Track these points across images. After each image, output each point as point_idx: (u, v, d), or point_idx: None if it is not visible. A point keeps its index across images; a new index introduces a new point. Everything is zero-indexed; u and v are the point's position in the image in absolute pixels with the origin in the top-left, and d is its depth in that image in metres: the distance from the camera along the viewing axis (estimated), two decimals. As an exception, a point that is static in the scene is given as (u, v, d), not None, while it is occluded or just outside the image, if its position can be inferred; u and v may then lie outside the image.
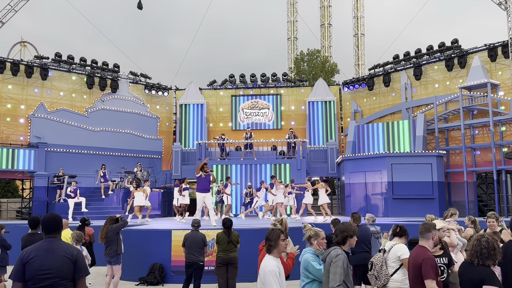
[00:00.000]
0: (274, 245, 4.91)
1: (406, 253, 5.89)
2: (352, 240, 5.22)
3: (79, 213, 18.97)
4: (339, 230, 5.26)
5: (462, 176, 22.11)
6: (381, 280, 5.93)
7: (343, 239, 5.20)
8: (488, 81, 21.09)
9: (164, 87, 28.65)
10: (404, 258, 5.84)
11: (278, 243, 4.91)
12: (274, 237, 4.92)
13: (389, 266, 5.98)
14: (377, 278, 5.99)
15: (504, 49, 21.32)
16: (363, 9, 45.88)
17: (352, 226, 5.32)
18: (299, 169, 22.53)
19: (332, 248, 5.15)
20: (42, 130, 22.92)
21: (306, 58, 40.35)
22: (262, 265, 4.88)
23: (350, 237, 5.21)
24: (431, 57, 24.55)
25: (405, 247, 6.06)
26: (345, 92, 28.62)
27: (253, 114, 28.27)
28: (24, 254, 4.06)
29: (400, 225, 6.42)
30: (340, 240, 5.21)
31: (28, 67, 23.27)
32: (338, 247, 5.14)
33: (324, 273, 5.11)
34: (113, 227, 9.96)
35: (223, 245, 9.06)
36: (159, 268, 12.01)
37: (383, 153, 21.64)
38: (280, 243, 4.94)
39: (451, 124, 22.96)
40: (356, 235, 5.24)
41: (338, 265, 4.87)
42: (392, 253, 6.02)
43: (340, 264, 4.88)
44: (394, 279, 5.91)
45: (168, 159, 27.59)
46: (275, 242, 4.91)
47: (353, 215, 9.37)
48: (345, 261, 4.94)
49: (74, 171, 22.39)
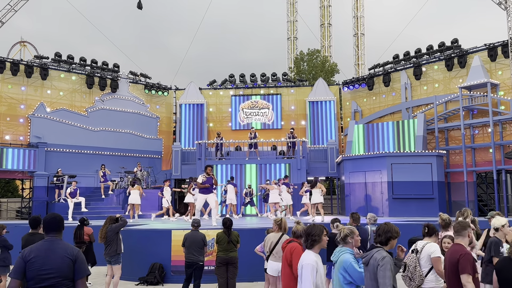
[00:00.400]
0: (318, 239, 4.87)
1: (437, 251, 5.81)
2: (394, 242, 5.06)
3: (78, 213, 18.97)
4: (383, 230, 5.10)
5: (462, 176, 22.11)
6: (415, 281, 5.82)
7: (387, 239, 5.04)
8: (488, 81, 21.09)
9: (164, 87, 28.66)
10: (434, 256, 5.76)
11: (322, 238, 4.86)
12: (318, 232, 4.87)
13: (422, 266, 5.87)
14: (411, 279, 5.86)
15: (504, 49, 21.32)
16: (363, 9, 45.89)
17: (395, 227, 5.17)
18: (299, 169, 22.54)
19: (375, 250, 4.95)
20: (42, 130, 22.92)
21: (306, 58, 40.35)
22: (301, 259, 4.83)
23: (393, 238, 5.05)
24: (431, 57, 24.55)
25: (436, 246, 5.95)
26: (345, 92, 28.62)
27: (253, 114, 28.26)
28: (25, 253, 4.07)
29: (428, 224, 6.29)
30: (383, 240, 5.03)
31: (28, 67, 23.27)
32: (381, 249, 4.95)
33: (367, 277, 4.92)
34: (112, 227, 9.96)
35: (223, 245, 9.06)
36: (159, 268, 12.00)
37: (383, 153, 21.63)
38: (323, 239, 4.89)
39: (451, 124, 22.96)
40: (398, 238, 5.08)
41: (386, 268, 4.70)
42: (424, 253, 5.91)
43: (388, 267, 4.74)
44: (428, 279, 5.81)
45: (168, 159, 27.59)
46: (319, 237, 4.87)
47: (353, 215, 9.36)
48: (392, 263, 4.80)
49: (74, 171, 22.40)
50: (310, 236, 4.92)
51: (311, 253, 4.87)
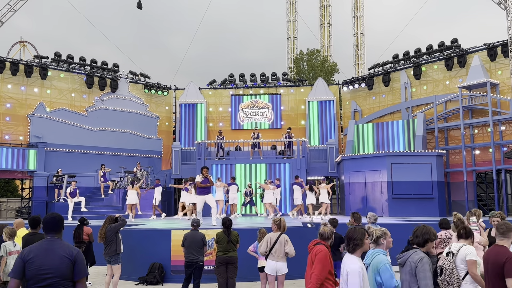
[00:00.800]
0: (360, 244, 4.78)
1: (473, 254, 5.73)
2: (431, 245, 5.01)
3: (78, 213, 18.97)
4: (421, 231, 5.04)
5: (461, 175, 22.11)
6: (453, 285, 5.73)
7: (424, 241, 4.99)
8: (488, 80, 21.10)
9: (163, 87, 28.66)
10: (469, 259, 5.68)
11: (364, 242, 4.79)
12: (360, 236, 4.79)
13: (460, 269, 5.78)
14: (449, 283, 5.77)
15: (503, 48, 21.33)
16: (362, 8, 45.88)
17: (433, 230, 5.09)
18: (299, 169, 22.53)
19: (412, 251, 4.90)
20: (41, 130, 22.92)
21: (305, 57, 40.36)
22: (346, 265, 4.73)
23: (431, 240, 5.00)
24: (430, 57, 24.55)
25: (472, 248, 5.87)
26: (344, 92, 28.63)
27: (253, 113, 28.27)
28: (24, 253, 4.08)
29: (465, 227, 6.21)
30: (421, 241, 4.98)
31: (27, 66, 23.27)
32: (418, 250, 4.90)
33: (403, 278, 4.85)
34: (112, 227, 9.95)
35: (222, 245, 9.06)
36: (159, 268, 12.00)
37: (383, 153, 21.64)
38: (365, 242, 4.83)
39: (450, 124, 22.97)
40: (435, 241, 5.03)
41: (426, 269, 4.65)
42: (460, 256, 5.81)
43: (427, 268, 4.68)
44: (467, 282, 5.71)
45: (167, 158, 27.59)
46: (361, 241, 4.78)
47: (354, 215, 9.37)
48: (430, 263, 4.74)
49: (73, 171, 22.39)
50: (352, 241, 4.82)
51: (355, 257, 4.77)
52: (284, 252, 8.30)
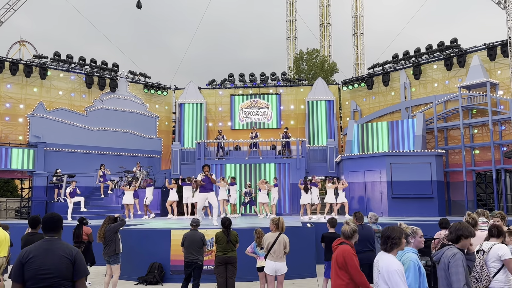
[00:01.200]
0: (398, 243, 4.71)
1: (508, 253, 5.72)
2: (466, 242, 4.96)
3: (78, 213, 18.98)
4: (454, 228, 5.03)
5: (461, 175, 22.12)
6: (482, 282, 5.72)
7: (457, 237, 4.96)
8: (487, 80, 21.10)
9: (163, 87, 28.65)
10: (506, 259, 5.66)
11: (402, 241, 4.73)
12: (398, 235, 4.73)
13: (490, 267, 5.77)
14: (478, 279, 5.75)
15: (503, 48, 21.32)
16: (362, 8, 45.87)
17: (469, 227, 5.06)
18: (298, 169, 22.52)
19: (446, 247, 4.90)
20: (41, 130, 22.91)
21: (305, 57, 40.35)
22: (385, 265, 4.63)
23: (464, 237, 4.95)
24: (430, 56, 24.55)
25: (506, 247, 5.85)
26: (344, 92, 28.62)
27: (253, 113, 28.26)
28: (23, 254, 4.05)
29: (496, 225, 6.19)
30: (453, 238, 4.97)
31: (27, 66, 23.25)
32: (452, 246, 4.88)
33: (439, 275, 4.82)
34: (111, 227, 9.95)
35: (222, 245, 9.06)
36: (158, 268, 12.00)
37: (382, 152, 21.64)
38: (403, 241, 4.76)
39: (450, 124, 22.97)
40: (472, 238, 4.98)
41: (458, 265, 4.62)
42: (492, 254, 5.80)
43: (460, 263, 4.65)
44: (497, 280, 5.72)
45: (167, 158, 27.58)
46: (399, 240, 4.72)
47: (356, 215, 9.39)
48: (463, 259, 4.71)
49: (73, 171, 22.39)
50: (390, 240, 4.74)
51: (392, 257, 4.70)
52: (283, 252, 8.31)
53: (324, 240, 9.63)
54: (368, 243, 8.64)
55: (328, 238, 9.60)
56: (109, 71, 26.23)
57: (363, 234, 8.56)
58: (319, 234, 10.72)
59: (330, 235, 9.63)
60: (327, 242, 9.58)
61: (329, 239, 9.60)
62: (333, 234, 9.62)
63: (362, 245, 8.55)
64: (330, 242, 9.53)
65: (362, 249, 8.53)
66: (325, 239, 9.63)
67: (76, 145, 23.82)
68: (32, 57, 24.85)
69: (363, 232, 8.62)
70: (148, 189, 19.41)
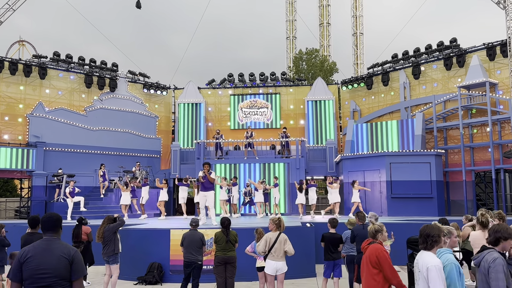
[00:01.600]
0: (438, 240, 4.66)
1: None
2: (506, 244, 4.79)
3: (77, 212, 18.97)
4: (492, 230, 4.86)
5: (460, 175, 22.13)
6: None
7: (496, 240, 4.80)
8: (487, 80, 21.11)
9: (162, 86, 28.64)
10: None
11: (441, 238, 4.69)
12: (437, 233, 4.68)
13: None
14: None
15: (502, 48, 21.32)
16: (362, 8, 45.89)
17: (508, 228, 4.88)
18: (298, 168, 22.53)
19: (486, 251, 4.76)
20: (40, 129, 22.90)
21: (304, 57, 40.35)
22: (424, 262, 4.57)
23: (504, 239, 4.78)
24: (429, 56, 24.55)
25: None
26: (343, 91, 28.62)
27: (252, 113, 28.26)
28: (21, 253, 4.05)
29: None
30: (492, 240, 4.79)
31: (26, 66, 23.25)
32: (493, 250, 4.72)
33: (479, 279, 4.71)
34: (110, 227, 9.95)
35: (221, 245, 9.06)
36: (158, 267, 12.00)
37: (382, 152, 21.64)
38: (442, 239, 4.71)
39: (449, 123, 22.97)
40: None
41: (498, 270, 4.45)
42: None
43: (500, 269, 4.48)
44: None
45: (167, 158, 27.58)
46: (439, 238, 4.67)
47: (358, 214, 9.40)
48: (504, 264, 4.56)
49: (72, 171, 22.39)
50: (430, 237, 4.68)
51: (432, 254, 4.64)
52: (283, 251, 8.31)
53: (324, 240, 9.63)
54: None
55: (328, 238, 9.60)
56: (109, 70, 26.23)
57: (363, 234, 8.57)
58: (318, 234, 10.73)
59: (330, 235, 9.64)
60: (327, 242, 9.58)
61: (329, 239, 9.60)
62: (334, 234, 9.62)
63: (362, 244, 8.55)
64: (330, 242, 9.55)
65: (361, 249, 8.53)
66: (325, 239, 9.63)
67: (76, 145, 23.81)
68: (31, 57, 24.84)
69: (363, 231, 8.62)
70: (144, 189, 19.34)
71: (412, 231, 11.74)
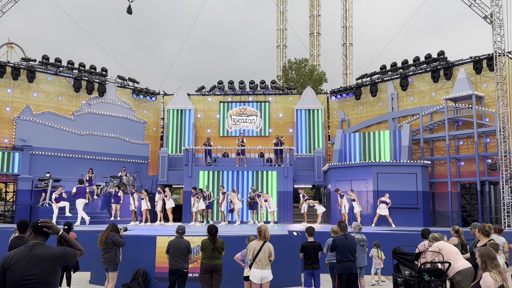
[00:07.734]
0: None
1: None
2: None
3: (63, 218, 18.76)
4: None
5: (446, 186, 22.34)
6: None
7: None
8: (473, 93, 21.40)
9: (152, 92, 28.57)
10: None
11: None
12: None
13: None
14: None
15: (489, 62, 21.64)
16: (352, 19, 46.37)
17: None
18: (286, 177, 22.59)
19: None
20: (27, 133, 22.68)
21: (294, 66, 40.58)
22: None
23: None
24: (417, 68, 24.85)
25: None
26: (332, 101, 28.81)
27: (241, 120, 28.30)
28: (5, 259, 4.00)
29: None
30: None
31: (14, 69, 23.07)
32: None
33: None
34: (114, 237, 9.83)
35: (208, 252, 9.03)
36: (143, 275, 11.91)
37: (369, 162, 21.77)
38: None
39: (436, 135, 23.21)
40: None
41: None
42: None
43: None
44: None
45: (154, 164, 27.46)
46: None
47: (340, 224, 9.41)
48: None
49: (59, 175, 22.16)
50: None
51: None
52: (268, 260, 8.32)
53: (304, 250, 9.67)
54: (350, 253, 8.64)
55: (307, 248, 9.65)
56: (98, 75, 26.11)
57: (345, 244, 8.62)
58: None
59: (309, 244, 9.69)
60: (307, 251, 9.63)
61: (309, 248, 9.65)
62: (313, 242, 9.70)
63: (343, 255, 8.59)
64: (311, 250, 9.60)
65: (342, 259, 8.58)
66: (305, 249, 9.67)
67: (63, 149, 23.60)
68: (20, 60, 24.64)
69: (346, 242, 8.66)
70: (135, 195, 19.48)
71: (398, 241, 11.83)
